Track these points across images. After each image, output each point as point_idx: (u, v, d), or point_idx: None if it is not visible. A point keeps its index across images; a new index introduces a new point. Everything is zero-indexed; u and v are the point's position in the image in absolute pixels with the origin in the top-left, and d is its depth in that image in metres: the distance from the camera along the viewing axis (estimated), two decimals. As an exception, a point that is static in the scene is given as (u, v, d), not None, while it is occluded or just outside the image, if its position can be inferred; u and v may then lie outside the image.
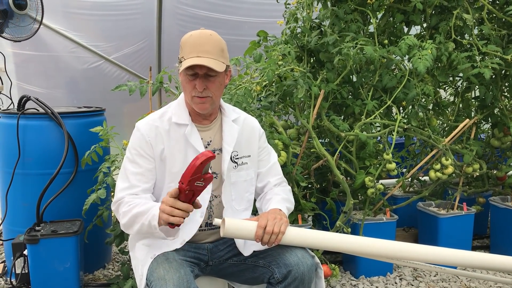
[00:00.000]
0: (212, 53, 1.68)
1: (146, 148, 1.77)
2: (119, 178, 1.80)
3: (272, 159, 2.00)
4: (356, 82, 2.98)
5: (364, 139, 2.74)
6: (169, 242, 1.74)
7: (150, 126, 1.79)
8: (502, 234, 3.20)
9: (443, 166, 2.97)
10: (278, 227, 1.66)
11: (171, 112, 1.83)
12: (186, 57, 1.68)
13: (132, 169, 1.76)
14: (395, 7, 2.99)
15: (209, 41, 1.69)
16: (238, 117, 1.91)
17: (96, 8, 4.37)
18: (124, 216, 1.70)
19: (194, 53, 1.66)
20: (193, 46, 1.68)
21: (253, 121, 1.97)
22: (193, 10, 4.50)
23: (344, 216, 2.83)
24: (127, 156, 1.80)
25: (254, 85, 2.78)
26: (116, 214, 1.79)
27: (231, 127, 1.86)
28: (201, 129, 1.83)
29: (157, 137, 1.77)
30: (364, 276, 2.92)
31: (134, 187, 1.75)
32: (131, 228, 1.71)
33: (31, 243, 2.48)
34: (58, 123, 2.74)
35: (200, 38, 1.69)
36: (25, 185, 2.78)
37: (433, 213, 3.08)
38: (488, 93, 3.06)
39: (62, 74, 4.52)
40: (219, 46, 1.71)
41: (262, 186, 1.97)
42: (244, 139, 1.89)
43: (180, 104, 1.84)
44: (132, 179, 1.75)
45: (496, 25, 3.06)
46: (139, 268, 1.72)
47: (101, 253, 3.10)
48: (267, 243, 1.67)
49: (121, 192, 1.75)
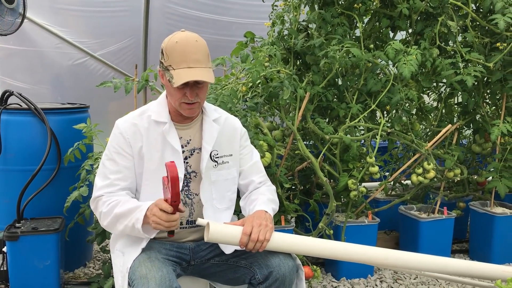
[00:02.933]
0: (202, 61, 1.68)
1: (124, 146, 1.77)
2: (97, 176, 1.80)
3: (255, 157, 2.00)
4: (342, 85, 3.00)
5: (348, 142, 2.77)
6: (138, 246, 1.73)
7: (129, 124, 1.79)
8: (481, 238, 3.25)
9: (425, 171, 3.00)
10: (263, 234, 1.67)
11: (151, 110, 1.83)
12: (175, 67, 1.67)
13: (110, 167, 1.77)
14: (381, 12, 3.03)
15: (197, 48, 1.68)
16: (219, 116, 1.91)
17: (82, 4, 4.32)
18: (106, 217, 1.72)
19: (184, 64, 1.65)
20: (181, 55, 1.66)
21: (234, 121, 1.98)
22: (182, 9, 4.49)
23: (326, 218, 2.85)
24: (105, 153, 1.80)
25: (240, 85, 2.79)
26: (94, 212, 1.80)
27: (211, 126, 1.86)
28: (180, 128, 1.84)
29: (136, 134, 1.78)
30: (345, 278, 2.95)
31: (112, 185, 1.76)
32: (114, 228, 1.73)
33: (10, 240, 2.44)
34: (41, 119, 2.71)
35: (187, 45, 1.67)
36: (6, 181, 2.75)
37: (414, 216, 3.12)
38: (471, 100, 3.11)
39: (46, 69, 4.46)
40: (206, 51, 1.72)
41: (245, 184, 1.97)
42: (225, 139, 1.90)
43: (161, 103, 1.84)
44: (111, 176, 1.76)
45: (480, 33, 3.11)
46: (119, 279, 1.73)
47: (82, 251, 3.07)
48: (252, 249, 1.68)
49: (99, 190, 1.76)
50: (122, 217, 1.68)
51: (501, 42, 2.92)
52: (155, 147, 1.78)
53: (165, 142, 1.79)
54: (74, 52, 4.46)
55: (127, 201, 1.71)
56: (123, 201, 1.71)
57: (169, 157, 1.78)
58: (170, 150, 1.78)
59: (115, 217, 1.69)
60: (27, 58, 4.35)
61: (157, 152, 1.79)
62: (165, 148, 1.79)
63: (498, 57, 2.90)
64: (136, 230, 1.65)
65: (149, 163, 1.78)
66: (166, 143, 1.79)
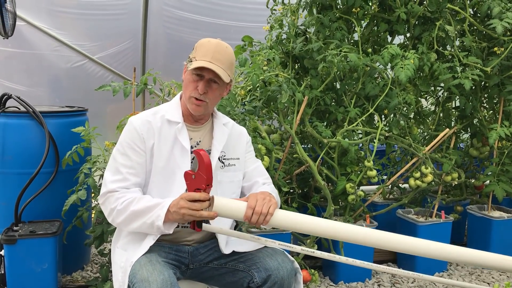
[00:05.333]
0: (224, 63, 1.75)
1: (138, 141, 1.78)
2: (107, 170, 1.79)
3: (258, 161, 2.06)
4: (340, 89, 3.01)
5: (346, 145, 2.77)
6: (143, 243, 1.74)
7: (142, 120, 1.81)
8: (478, 242, 3.26)
9: (422, 174, 3.01)
10: (266, 208, 1.68)
11: (164, 110, 1.87)
12: (198, 58, 1.73)
13: (123, 161, 1.77)
14: (379, 16, 3.04)
15: (224, 52, 1.77)
16: (228, 122, 1.98)
17: (81, 7, 4.33)
18: (120, 214, 1.71)
19: (207, 58, 1.72)
20: (208, 51, 1.74)
21: (241, 128, 2.04)
22: (180, 12, 4.50)
23: (324, 222, 2.85)
24: (117, 148, 1.81)
25: (238, 89, 2.80)
26: (102, 206, 1.78)
27: (222, 129, 1.92)
28: (192, 129, 1.87)
29: (149, 131, 1.80)
30: (343, 282, 2.95)
31: (125, 180, 1.75)
32: (129, 225, 1.73)
33: (8, 243, 2.44)
34: (40, 122, 2.71)
35: (217, 46, 1.76)
36: (4, 184, 2.75)
37: (412, 220, 3.12)
38: (468, 104, 3.12)
39: (44, 72, 4.46)
40: (231, 60, 1.80)
41: (249, 186, 1.99)
42: (232, 143, 1.95)
43: (174, 104, 1.89)
44: (124, 171, 1.76)
45: (477, 38, 3.13)
46: (119, 275, 1.72)
47: (79, 254, 3.06)
48: (256, 223, 1.69)
49: (112, 184, 1.74)
50: (140, 215, 1.68)
51: (499, 47, 2.93)
52: (165, 145, 1.81)
53: (175, 141, 1.81)
54: (72, 55, 4.46)
55: (143, 198, 1.72)
56: (138, 198, 1.71)
57: (178, 156, 1.80)
58: (179, 149, 1.81)
59: (131, 214, 1.69)
60: (25, 60, 4.34)
61: (166, 151, 1.81)
62: (175, 146, 1.81)
63: (496, 61, 2.92)
64: (156, 227, 1.66)
65: (158, 161, 1.80)
66: (176, 142, 1.81)
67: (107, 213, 1.77)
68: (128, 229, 1.76)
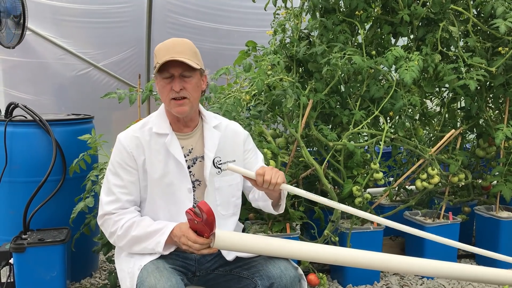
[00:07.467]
0: (186, 53, 1.73)
1: (128, 160, 1.78)
2: (102, 191, 1.81)
3: (260, 159, 2.02)
4: (344, 92, 3.01)
5: (351, 148, 2.77)
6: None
7: (130, 137, 1.81)
8: (487, 242, 3.24)
9: (429, 176, 3.00)
10: (275, 178, 1.70)
11: (151, 122, 1.85)
12: (160, 60, 1.71)
13: (115, 181, 1.78)
14: (382, 18, 3.04)
15: (183, 43, 1.76)
16: (220, 123, 1.93)
17: (85, 15, 4.36)
18: (121, 239, 1.74)
19: (169, 55, 1.70)
20: (167, 49, 1.73)
21: (235, 126, 2.00)
22: (183, 18, 4.52)
23: (332, 225, 2.85)
24: (109, 168, 1.81)
25: (243, 94, 2.80)
26: (102, 228, 1.81)
27: (212, 133, 1.88)
28: (182, 138, 1.85)
29: (138, 148, 1.79)
30: (351, 285, 2.94)
31: (119, 200, 1.77)
32: (131, 249, 1.76)
33: (17, 252, 2.45)
34: (46, 131, 2.73)
35: (173, 42, 1.76)
36: (12, 193, 2.76)
37: (419, 222, 3.11)
38: (474, 104, 3.11)
39: (50, 81, 4.49)
40: (192, 49, 1.78)
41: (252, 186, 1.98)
42: (228, 145, 1.92)
43: (161, 114, 1.86)
44: (116, 191, 1.77)
45: (481, 38, 3.12)
46: (127, 281, 1.73)
47: (88, 261, 3.07)
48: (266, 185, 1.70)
49: (107, 206, 1.77)
50: (141, 241, 1.72)
51: (503, 47, 2.93)
52: (158, 159, 1.80)
53: (168, 153, 1.80)
54: (77, 63, 4.49)
55: (142, 221, 1.74)
56: (137, 222, 1.73)
57: (173, 169, 1.80)
58: (173, 162, 1.80)
59: (132, 239, 1.73)
60: (30, 69, 4.38)
61: (160, 163, 1.80)
62: (168, 159, 1.80)
63: (501, 61, 2.91)
64: (157, 252, 1.71)
65: (152, 175, 1.80)
66: (169, 155, 1.80)
67: (107, 235, 1.80)
68: (131, 251, 1.78)
